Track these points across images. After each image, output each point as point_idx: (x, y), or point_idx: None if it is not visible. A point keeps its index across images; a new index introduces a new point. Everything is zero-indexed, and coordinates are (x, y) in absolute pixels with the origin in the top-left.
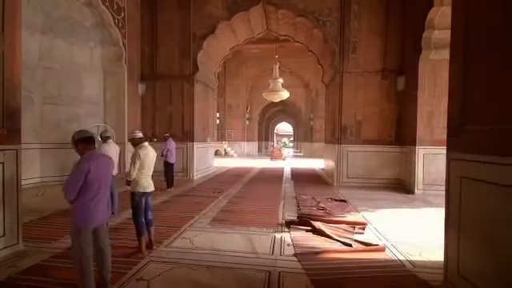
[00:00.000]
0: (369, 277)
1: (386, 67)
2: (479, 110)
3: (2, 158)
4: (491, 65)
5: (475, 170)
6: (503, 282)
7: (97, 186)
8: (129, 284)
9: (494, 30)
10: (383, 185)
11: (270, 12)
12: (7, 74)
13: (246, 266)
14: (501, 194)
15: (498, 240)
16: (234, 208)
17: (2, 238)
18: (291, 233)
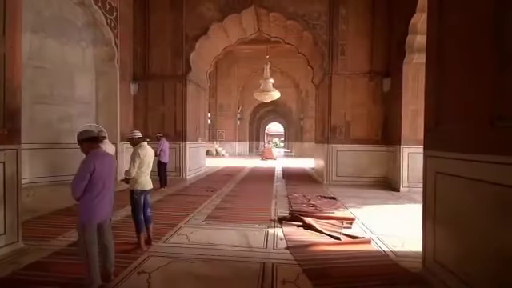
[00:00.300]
0: (355, 266)
1: (373, 69)
2: (450, 111)
3: (2, 158)
4: (458, 73)
5: (447, 166)
6: (473, 266)
7: (101, 183)
8: (131, 276)
9: (460, 43)
10: (371, 183)
11: (262, 14)
12: (8, 76)
13: (241, 259)
14: (469, 187)
15: (467, 228)
16: (228, 206)
17: (3, 236)
18: (283, 228)
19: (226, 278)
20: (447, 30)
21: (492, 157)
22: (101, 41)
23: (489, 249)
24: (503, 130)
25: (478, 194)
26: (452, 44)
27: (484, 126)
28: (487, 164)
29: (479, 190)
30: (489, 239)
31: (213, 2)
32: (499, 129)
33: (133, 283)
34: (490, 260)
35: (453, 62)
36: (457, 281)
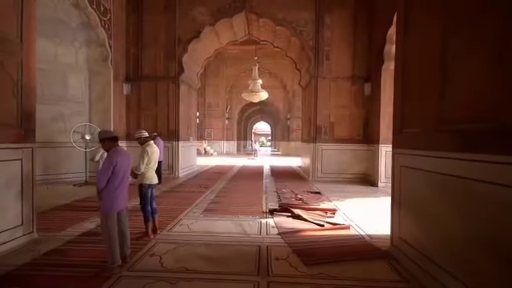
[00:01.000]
0: (336, 246)
1: (355, 74)
2: (410, 119)
3: (20, 156)
4: (415, 88)
5: (409, 161)
6: (428, 240)
7: (121, 176)
8: (144, 258)
9: (417, 65)
10: (353, 179)
11: (252, 20)
12: (25, 81)
13: (239, 243)
14: (423, 176)
15: (422, 210)
16: (222, 200)
17: (21, 227)
18: (274, 218)
19: (228, 257)
20: (409, 53)
21: (436, 153)
22: (95, 42)
23: (438, 225)
24: (443, 133)
25: (429, 181)
26: (412, 65)
27: (431, 130)
28: (433, 158)
29: (430, 179)
30: (437, 217)
31: (205, 7)
32: (441, 132)
33: (148, 263)
34: (439, 234)
35: (412, 78)
36: (416, 253)
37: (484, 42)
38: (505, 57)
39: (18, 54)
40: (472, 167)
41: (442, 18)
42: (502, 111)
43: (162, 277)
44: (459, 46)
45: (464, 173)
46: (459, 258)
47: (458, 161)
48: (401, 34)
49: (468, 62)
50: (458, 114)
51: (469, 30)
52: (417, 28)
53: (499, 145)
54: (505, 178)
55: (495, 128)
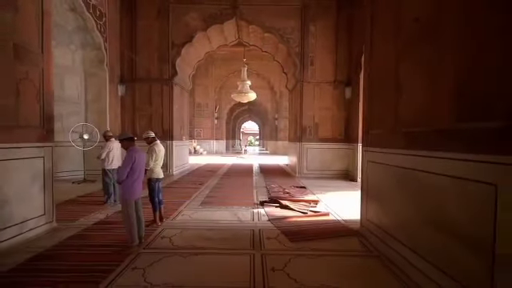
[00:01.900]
0: (316, 228)
1: (337, 79)
2: (374, 122)
3: (42, 153)
4: (378, 97)
5: (374, 156)
6: (386, 218)
7: (138, 170)
8: (156, 240)
9: (379, 78)
10: (335, 175)
11: (242, 26)
12: (46, 88)
13: (235, 228)
14: (383, 169)
15: (382, 195)
16: (217, 195)
17: (43, 216)
18: (265, 208)
19: (227, 238)
20: (373, 71)
21: (395, 149)
22: (90, 44)
23: (393, 206)
24: (397, 134)
25: (388, 172)
26: (376, 80)
27: (389, 131)
28: (391, 154)
29: (388, 170)
30: (393, 200)
31: (198, 13)
32: (396, 133)
33: (160, 243)
34: (394, 214)
35: (376, 91)
36: (378, 230)
37: (422, 66)
38: (435, 79)
39: (40, 64)
40: (416, 160)
41: (394, 46)
42: (432, 119)
43: (174, 252)
44: (406, 69)
45: (411, 164)
46: (408, 230)
47: (407, 155)
48: (367, 55)
49: (412, 81)
50: (407, 119)
51: (412, 57)
52: (378, 52)
53: (431, 143)
54: (436, 168)
55: (428, 131)
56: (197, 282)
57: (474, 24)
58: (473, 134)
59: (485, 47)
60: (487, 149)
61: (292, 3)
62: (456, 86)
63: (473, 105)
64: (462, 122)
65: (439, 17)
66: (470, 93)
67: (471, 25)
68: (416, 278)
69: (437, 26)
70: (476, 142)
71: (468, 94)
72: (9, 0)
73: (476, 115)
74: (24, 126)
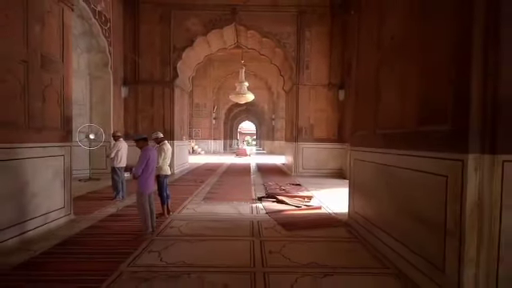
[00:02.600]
0: (309, 219)
1: (331, 82)
2: (359, 125)
3: (63, 152)
4: (363, 103)
5: (359, 155)
6: (369, 209)
7: (151, 167)
8: (166, 229)
9: (363, 86)
10: (329, 173)
11: (241, 31)
12: (65, 93)
13: (236, 219)
14: (366, 166)
15: (366, 189)
16: (218, 191)
17: (63, 209)
18: (262, 203)
19: (229, 228)
20: (359, 80)
21: (375, 149)
22: (95, 48)
23: (375, 198)
24: (377, 135)
25: (369, 169)
26: (361, 88)
27: (371, 133)
28: (372, 153)
29: (370, 167)
30: (374, 193)
31: (198, 18)
32: (376, 135)
33: (169, 231)
34: (375, 204)
35: (361, 97)
36: (363, 220)
37: (395, 78)
38: (404, 88)
39: (61, 72)
40: (390, 157)
41: (375, 58)
42: (402, 123)
43: (183, 239)
44: (384, 79)
45: (387, 161)
46: (385, 217)
47: (384, 154)
48: (354, 65)
49: (388, 90)
50: (384, 123)
51: (388, 69)
52: (363, 63)
53: (401, 143)
54: (405, 164)
55: (399, 133)
56: (205, 261)
57: (428, 45)
58: (430, 136)
59: (436, 66)
60: (441, 147)
61: (288, 10)
62: (419, 95)
63: (430, 111)
64: (423, 126)
65: (406, 37)
66: (428, 101)
67: (427, 46)
68: (389, 256)
69: (406, 44)
70: (433, 142)
71: (427, 102)
72: (37, 16)
73: (432, 120)
74: (48, 128)
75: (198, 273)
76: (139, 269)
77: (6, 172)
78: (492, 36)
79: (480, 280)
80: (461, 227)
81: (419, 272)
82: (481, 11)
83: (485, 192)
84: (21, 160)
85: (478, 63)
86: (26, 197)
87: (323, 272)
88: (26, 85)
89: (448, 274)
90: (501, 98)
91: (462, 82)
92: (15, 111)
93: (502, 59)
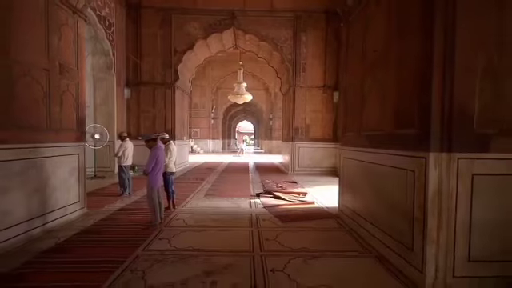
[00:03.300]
0: (303, 212)
1: (326, 84)
2: (348, 127)
3: (78, 151)
4: (351, 107)
5: (348, 153)
6: (357, 202)
7: (160, 164)
8: (172, 221)
9: (351, 92)
10: (324, 172)
11: (239, 35)
12: (80, 97)
13: (236, 212)
14: (354, 163)
15: (353, 184)
16: (218, 188)
17: (78, 203)
18: (260, 199)
19: (230, 220)
20: (347, 86)
21: (360, 148)
22: (100, 52)
23: (359, 192)
24: (362, 136)
25: (356, 166)
26: (349, 94)
27: (358, 134)
28: (358, 152)
29: (356, 164)
30: (359, 187)
31: (198, 23)
32: (361, 136)
33: (176, 223)
34: (361, 197)
35: (349, 102)
36: (350, 211)
37: (377, 86)
38: (383, 97)
39: (76, 78)
40: (372, 156)
41: (361, 67)
42: (382, 126)
43: (189, 229)
44: (368, 87)
45: (370, 159)
46: (368, 208)
47: (367, 152)
48: (342, 73)
49: (371, 97)
50: (368, 126)
51: (372, 78)
52: (351, 71)
53: (380, 143)
54: (383, 161)
55: (379, 134)
56: (210, 246)
57: (401, 61)
58: (402, 137)
59: (407, 80)
60: (410, 147)
61: (285, 15)
62: (395, 103)
63: (403, 117)
64: (397, 129)
65: (386, 52)
66: (401, 109)
67: (401, 62)
68: (371, 241)
69: (385, 58)
70: (404, 143)
71: (400, 109)
72: (55, 28)
73: (404, 125)
74: (65, 129)
75: (204, 256)
76: (152, 252)
77: (32, 169)
78: (449, 60)
79: (440, 257)
80: (424, 213)
81: (394, 252)
82: (440, 39)
83: (443, 184)
84: (44, 158)
85: (437, 81)
86: (48, 191)
87: (312, 255)
88: (48, 91)
89: (415, 252)
90: (455, 109)
91: (425, 95)
92: (39, 115)
93: (455, 78)
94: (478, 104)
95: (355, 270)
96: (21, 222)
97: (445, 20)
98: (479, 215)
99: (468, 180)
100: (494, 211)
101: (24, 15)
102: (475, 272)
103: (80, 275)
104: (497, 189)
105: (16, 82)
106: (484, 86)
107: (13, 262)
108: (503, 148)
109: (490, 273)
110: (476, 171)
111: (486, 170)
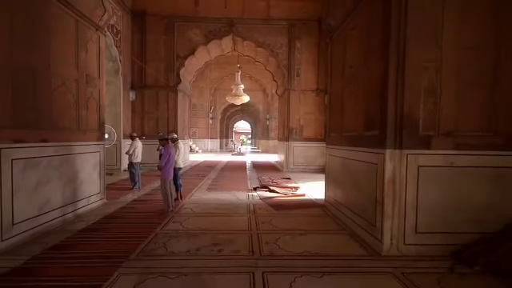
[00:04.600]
0: (294, 203)
1: (319, 87)
2: (332, 128)
3: (99, 149)
4: (334, 112)
5: (333, 152)
6: (338, 193)
7: (172, 160)
8: (181, 209)
9: (335, 98)
10: (317, 169)
11: (238, 41)
12: (101, 102)
13: (236, 203)
14: (337, 160)
15: (336, 178)
16: (218, 183)
17: (99, 194)
18: (257, 192)
19: (231, 208)
20: (332, 94)
21: (341, 147)
22: (108, 57)
23: (340, 184)
24: (343, 137)
25: (338, 162)
26: (332, 101)
27: (339, 135)
28: (340, 150)
29: (338, 160)
30: (340, 180)
31: (199, 29)
32: (342, 136)
33: (184, 211)
34: (341, 188)
35: (333, 108)
36: (334, 201)
37: (352, 96)
38: (357, 105)
39: (98, 86)
40: (349, 153)
41: (341, 79)
42: (356, 128)
43: (196, 215)
44: (346, 96)
45: (348, 156)
46: (346, 197)
47: (346, 150)
48: (328, 82)
49: (348, 104)
50: (347, 128)
51: (348, 90)
52: (334, 81)
53: (355, 142)
54: (357, 157)
55: (354, 135)
56: (215, 227)
57: (368, 77)
58: (369, 138)
59: (372, 92)
60: (374, 145)
61: (280, 23)
62: (365, 110)
63: (370, 122)
64: (366, 131)
65: (358, 68)
66: (369, 115)
67: (368, 77)
68: (347, 222)
69: (358, 73)
70: (370, 142)
71: (368, 115)
72: (82, 44)
73: (371, 128)
74: (90, 130)
75: (211, 234)
76: (168, 231)
77: (67, 163)
78: (400, 80)
79: (394, 230)
80: (383, 196)
81: (362, 229)
82: (394, 64)
83: (396, 173)
84: (74, 155)
85: (392, 95)
86: (78, 182)
87: (299, 233)
88: (77, 98)
89: (377, 227)
90: (405, 117)
91: (383, 106)
92: (71, 118)
93: (405, 92)
94: (422, 113)
95: (332, 243)
96: (58, 207)
97: (397, 50)
98: (423, 197)
99: (415, 170)
100: (435, 194)
101: (60, 36)
102: (421, 241)
103: (116, 245)
104: (436, 177)
105: (54, 92)
106: (426, 100)
107: (59, 237)
108: (440, 146)
109: (431, 241)
110: (421, 163)
111: (428, 163)
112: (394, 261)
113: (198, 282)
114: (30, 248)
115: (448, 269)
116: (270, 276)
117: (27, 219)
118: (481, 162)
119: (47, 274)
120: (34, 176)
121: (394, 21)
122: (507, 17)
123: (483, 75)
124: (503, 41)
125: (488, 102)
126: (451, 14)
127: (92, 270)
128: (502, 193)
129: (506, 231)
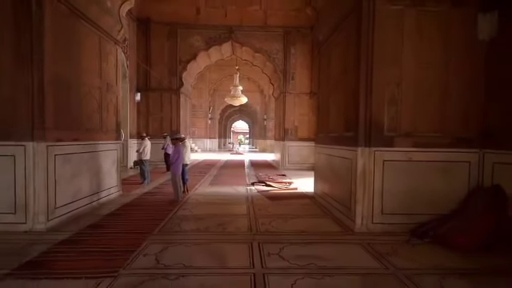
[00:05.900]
0: (287, 195)
1: (312, 91)
2: (320, 129)
3: (116, 147)
4: (323, 113)
5: (321, 150)
6: (324, 185)
7: (181, 157)
8: (189, 200)
9: (323, 101)
10: (310, 167)
11: (236, 47)
12: (118, 107)
13: (236, 195)
14: (323, 157)
15: (323, 174)
16: (219, 179)
17: (116, 187)
18: (254, 186)
19: (231, 200)
20: (320, 98)
21: (327, 145)
22: None
23: (325, 178)
24: (329, 137)
25: (324, 159)
26: (321, 104)
27: (326, 135)
28: (326, 148)
29: (324, 157)
30: (325, 174)
31: (200, 36)
32: (328, 136)
33: (191, 201)
34: (326, 181)
35: (321, 111)
36: (322, 193)
37: (336, 102)
38: (339, 110)
39: (116, 93)
40: (332, 150)
41: (327, 87)
42: (338, 129)
43: (202, 204)
44: (332, 102)
45: (332, 153)
46: (330, 188)
47: (330, 148)
48: (317, 88)
49: (333, 108)
50: (331, 129)
51: (333, 96)
52: (322, 88)
53: (337, 141)
54: (337, 154)
55: (336, 136)
56: (219, 213)
57: (346, 86)
58: (347, 138)
59: (349, 99)
60: (350, 144)
61: (276, 30)
62: (344, 114)
63: (347, 124)
64: (345, 132)
65: (339, 78)
66: (347, 119)
67: (346, 87)
68: (330, 209)
69: (339, 83)
70: (348, 141)
71: (346, 119)
72: (104, 56)
73: (348, 129)
74: (109, 130)
75: (216, 217)
76: (180, 216)
77: (92, 159)
78: (369, 91)
79: (364, 212)
80: (356, 185)
81: (341, 213)
82: (364, 78)
83: (366, 167)
84: (99, 152)
85: (363, 104)
86: (101, 176)
87: (291, 217)
88: (100, 103)
89: (351, 210)
90: (373, 121)
91: (356, 111)
92: (95, 120)
93: (373, 102)
94: (386, 119)
95: (316, 224)
96: (87, 196)
97: (366, 68)
98: (387, 185)
99: (381, 164)
100: (397, 183)
101: (87, 51)
102: (386, 220)
103: (139, 225)
104: (397, 169)
105: (83, 98)
106: (389, 108)
107: (91, 219)
108: (401, 144)
109: (394, 221)
110: (385, 158)
111: (391, 158)
112: (364, 235)
113: (209, 248)
114: (70, 227)
115: (404, 241)
116: (264, 245)
117: (65, 204)
118: (433, 157)
119: (90, 243)
120: (69, 169)
121: (364, 43)
122: (453, 36)
123: (435, 88)
124: (451, 58)
125: (439, 110)
126: (409, 36)
127: (126, 241)
128: (450, 182)
129: (453, 212)
